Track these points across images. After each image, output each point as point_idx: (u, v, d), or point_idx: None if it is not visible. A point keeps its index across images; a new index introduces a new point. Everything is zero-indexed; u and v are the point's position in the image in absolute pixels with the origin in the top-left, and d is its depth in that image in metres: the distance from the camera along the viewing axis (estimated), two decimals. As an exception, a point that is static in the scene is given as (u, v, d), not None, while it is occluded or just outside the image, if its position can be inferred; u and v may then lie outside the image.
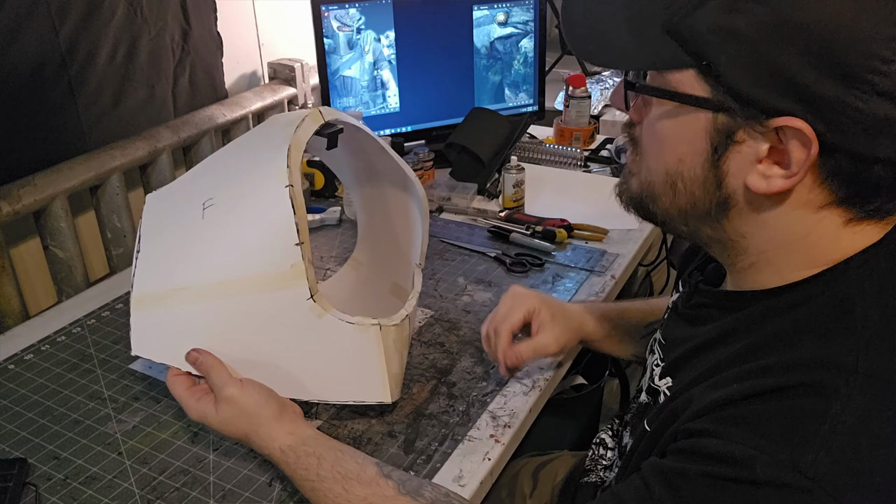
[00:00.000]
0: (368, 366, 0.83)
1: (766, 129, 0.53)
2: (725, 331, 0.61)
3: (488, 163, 1.48)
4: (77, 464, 0.84)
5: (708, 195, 0.58)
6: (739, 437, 0.51)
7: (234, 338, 0.80)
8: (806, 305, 0.56)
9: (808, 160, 0.52)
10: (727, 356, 0.58)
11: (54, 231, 1.23)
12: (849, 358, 0.51)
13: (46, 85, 1.22)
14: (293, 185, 0.78)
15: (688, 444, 0.54)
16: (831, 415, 0.49)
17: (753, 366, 0.55)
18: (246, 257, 0.79)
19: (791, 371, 0.52)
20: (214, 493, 0.80)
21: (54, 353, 1.04)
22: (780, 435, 0.50)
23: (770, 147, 0.53)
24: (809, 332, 0.54)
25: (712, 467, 0.51)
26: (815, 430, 0.49)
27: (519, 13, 1.63)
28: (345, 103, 1.55)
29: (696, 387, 0.58)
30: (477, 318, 1.09)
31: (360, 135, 0.96)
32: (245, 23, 1.67)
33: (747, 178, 0.55)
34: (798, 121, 0.50)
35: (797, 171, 0.52)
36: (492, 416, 0.90)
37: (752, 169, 0.55)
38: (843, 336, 0.53)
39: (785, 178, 0.53)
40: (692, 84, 0.54)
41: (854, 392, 0.50)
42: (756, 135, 0.53)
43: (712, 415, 0.54)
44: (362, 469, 0.72)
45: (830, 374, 0.51)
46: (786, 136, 0.52)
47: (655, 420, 0.62)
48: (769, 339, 0.56)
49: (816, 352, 0.53)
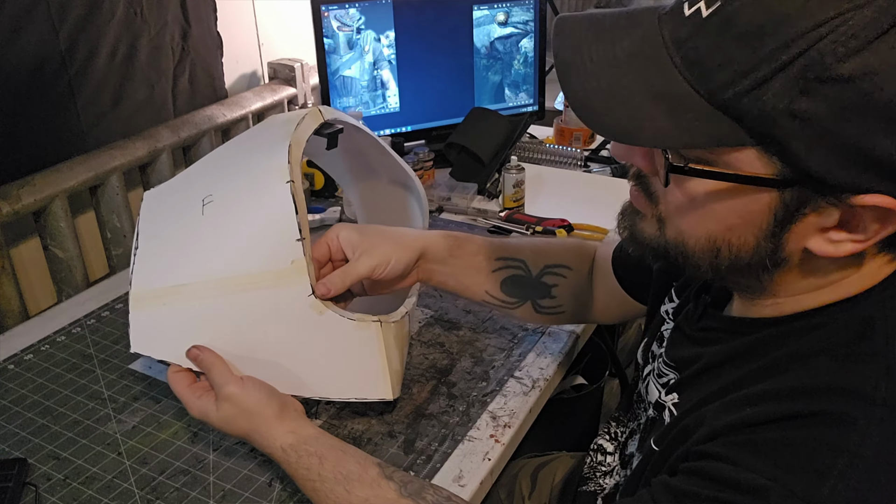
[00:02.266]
0: (369, 362, 0.83)
1: (842, 203, 0.49)
2: (737, 352, 0.59)
3: (488, 163, 1.48)
4: (77, 464, 0.84)
5: (757, 258, 0.54)
6: (753, 466, 0.50)
7: (234, 335, 0.79)
8: (824, 328, 0.55)
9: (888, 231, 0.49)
10: (739, 376, 0.57)
11: (54, 231, 1.23)
12: (868, 385, 0.50)
13: (46, 85, 1.21)
14: (294, 181, 0.78)
15: (699, 467, 0.53)
16: (849, 448, 0.48)
17: (768, 388, 0.53)
18: (246, 254, 0.79)
19: (808, 398, 0.51)
20: (214, 493, 0.80)
21: (54, 353, 1.04)
22: (796, 466, 0.49)
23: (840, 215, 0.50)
24: (827, 354, 0.53)
25: (725, 494, 0.50)
26: (831, 463, 0.48)
27: (519, 13, 1.63)
28: (345, 103, 1.55)
29: (706, 406, 0.57)
30: (477, 318, 1.09)
31: (360, 135, 0.96)
32: (245, 23, 1.67)
33: (809, 242, 0.52)
34: (885, 198, 0.47)
35: (872, 237, 0.50)
36: (492, 416, 0.90)
37: (817, 234, 0.51)
38: (862, 360, 0.51)
39: (856, 243, 0.50)
40: (752, 163, 0.49)
41: (873, 424, 0.48)
42: (829, 207, 0.50)
43: (725, 438, 0.53)
44: (364, 470, 0.71)
45: (849, 404, 0.49)
46: (863, 209, 0.49)
47: (664, 440, 0.61)
48: (784, 360, 0.55)
49: (835, 378, 0.51)
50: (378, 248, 0.83)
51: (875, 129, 0.45)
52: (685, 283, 0.75)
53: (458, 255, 0.89)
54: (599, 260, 0.94)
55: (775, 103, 0.46)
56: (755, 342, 0.58)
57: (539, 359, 1.00)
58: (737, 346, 0.60)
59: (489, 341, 1.04)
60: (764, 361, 0.56)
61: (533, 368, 0.98)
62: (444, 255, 0.88)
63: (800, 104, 0.45)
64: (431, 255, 0.88)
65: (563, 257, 0.93)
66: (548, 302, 0.93)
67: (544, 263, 0.92)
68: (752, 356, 0.58)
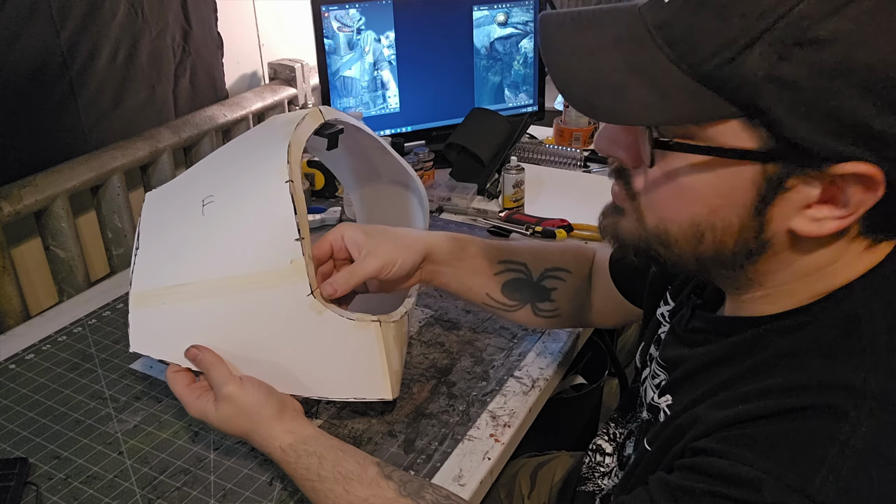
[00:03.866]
0: (369, 362, 0.83)
1: (824, 174, 0.49)
2: (728, 352, 0.60)
3: (488, 163, 1.48)
4: (78, 463, 0.85)
5: (741, 243, 0.54)
6: (747, 459, 0.50)
7: (233, 334, 0.80)
8: (811, 326, 0.55)
9: (870, 202, 0.49)
10: (731, 375, 0.57)
11: (55, 231, 1.24)
12: (857, 379, 0.50)
13: (47, 85, 1.22)
14: (293, 180, 0.78)
15: (694, 462, 0.53)
16: (840, 439, 0.48)
17: (759, 386, 0.54)
18: (246, 253, 0.79)
19: (799, 393, 0.51)
20: (215, 493, 0.80)
21: (55, 352, 1.05)
22: (788, 458, 0.49)
23: (822, 189, 0.50)
24: (815, 352, 0.53)
25: (719, 487, 0.50)
26: (823, 455, 0.48)
27: (519, 13, 1.63)
28: (345, 104, 1.55)
29: (699, 405, 0.57)
30: (477, 317, 1.09)
31: (360, 135, 0.96)
32: (245, 23, 1.67)
33: (792, 222, 0.52)
34: (866, 165, 0.48)
35: (854, 212, 0.50)
36: (491, 416, 0.90)
37: (800, 213, 0.52)
38: (850, 356, 0.51)
39: (839, 220, 0.51)
40: (736, 135, 0.50)
41: (863, 415, 0.49)
42: (810, 180, 0.50)
43: (719, 434, 0.53)
44: (363, 470, 0.72)
45: (839, 397, 0.50)
46: (843, 179, 0.49)
47: (657, 439, 0.61)
48: (774, 359, 0.55)
49: (824, 373, 0.52)
50: (384, 248, 0.83)
51: (852, 93, 0.46)
52: (680, 285, 0.75)
53: (462, 257, 0.90)
54: (598, 263, 0.94)
55: (756, 70, 0.47)
56: (744, 341, 0.59)
57: (539, 358, 1.00)
58: (726, 347, 0.60)
59: (489, 341, 1.04)
60: (754, 360, 0.56)
61: (533, 368, 0.98)
62: (448, 258, 0.89)
63: (780, 69, 0.46)
64: (435, 256, 0.88)
65: (563, 260, 0.94)
66: (547, 305, 0.93)
67: (544, 267, 0.92)
68: (741, 356, 0.58)
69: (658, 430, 0.62)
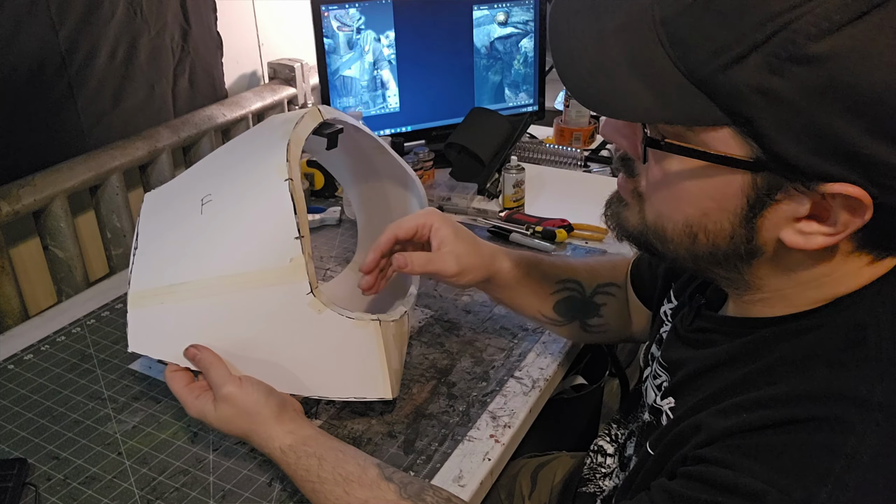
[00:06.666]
0: (368, 361, 0.82)
1: (813, 191, 0.49)
2: (731, 355, 0.59)
3: (488, 163, 1.48)
4: (77, 464, 0.84)
5: (733, 246, 0.55)
6: (751, 470, 0.50)
7: (233, 334, 0.79)
8: (816, 331, 0.55)
9: (857, 224, 0.49)
10: (734, 380, 0.57)
11: (54, 231, 1.23)
12: (863, 390, 0.50)
13: (46, 85, 1.21)
14: (293, 178, 0.78)
15: (698, 471, 0.53)
16: (846, 451, 0.48)
17: (764, 394, 0.53)
18: (245, 252, 0.79)
19: (804, 402, 0.51)
20: (214, 494, 0.80)
21: (54, 353, 1.04)
22: (793, 470, 0.49)
23: (812, 205, 0.50)
24: (820, 360, 0.53)
25: (722, 498, 0.50)
26: (829, 467, 0.48)
27: (519, 13, 1.63)
28: (345, 103, 1.55)
29: (702, 411, 0.57)
30: (477, 318, 1.09)
31: (359, 135, 0.96)
32: (245, 23, 1.67)
33: (782, 232, 0.52)
34: (853, 188, 0.47)
35: (842, 231, 0.50)
36: (492, 416, 0.90)
37: (789, 225, 0.52)
38: (856, 366, 0.51)
39: (827, 236, 0.51)
40: (727, 142, 0.50)
41: (869, 427, 0.48)
42: (799, 195, 0.50)
43: (723, 443, 0.53)
44: (363, 471, 0.71)
45: (845, 408, 0.49)
46: (833, 198, 0.49)
47: (659, 443, 0.61)
48: (778, 365, 0.55)
49: (830, 383, 0.51)
50: (467, 258, 0.85)
51: (840, 114, 0.45)
52: (684, 284, 0.75)
53: (524, 282, 0.92)
54: None
55: (748, 80, 0.47)
56: (748, 344, 0.58)
57: (539, 359, 1.00)
58: (730, 349, 0.60)
59: (489, 341, 1.04)
60: (758, 365, 0.56)
61: (533, 368, 0.98)
62: (510, 282, 0.91)
63: (770, 83, 0.46)
64: (498, 279, 0.90)
65: (613, 275, 0.95)
66: (596, 321, 0.94)
67: (597, 283, 0.94)
68: (746, 359, 0.58)
69: (660, 434, 0.62)
